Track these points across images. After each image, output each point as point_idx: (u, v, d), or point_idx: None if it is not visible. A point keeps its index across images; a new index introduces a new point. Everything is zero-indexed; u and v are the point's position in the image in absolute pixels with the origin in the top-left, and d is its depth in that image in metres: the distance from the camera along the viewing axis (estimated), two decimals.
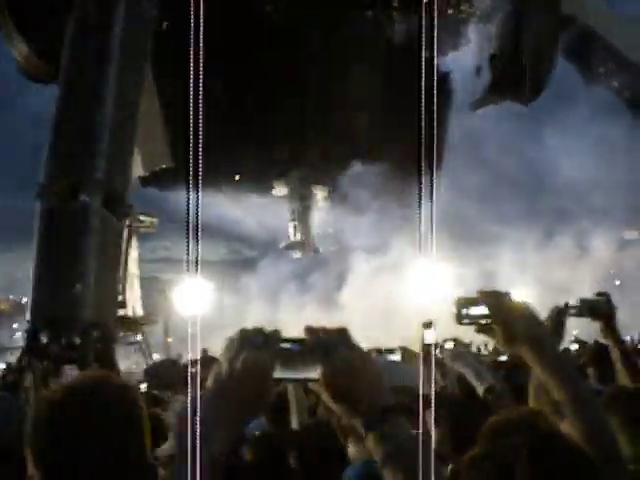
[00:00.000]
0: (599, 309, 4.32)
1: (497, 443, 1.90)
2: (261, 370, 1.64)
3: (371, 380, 1.66)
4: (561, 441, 1.94)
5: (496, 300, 2.26)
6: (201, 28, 1.75)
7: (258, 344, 1.66)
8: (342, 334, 1.70)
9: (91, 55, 23.31)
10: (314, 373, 1.66)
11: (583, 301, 4.40)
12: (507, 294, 2.29)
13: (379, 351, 12.01)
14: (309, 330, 1.70)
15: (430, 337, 4.79)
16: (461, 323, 2.34)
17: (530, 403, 2.83)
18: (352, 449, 2.12)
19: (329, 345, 1.66)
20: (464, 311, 2.32)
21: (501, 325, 2.23)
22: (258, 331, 1.70)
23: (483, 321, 2.28)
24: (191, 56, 1.72)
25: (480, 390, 5.21)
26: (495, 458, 1.85)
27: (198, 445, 1.53)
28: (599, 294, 4.43)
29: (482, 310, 2.28)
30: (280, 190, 36.32)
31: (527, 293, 20.04)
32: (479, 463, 1.90)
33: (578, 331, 12.65)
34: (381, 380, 1.68)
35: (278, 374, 1.68)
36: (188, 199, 1.71)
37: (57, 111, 23.24)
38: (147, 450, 1.89)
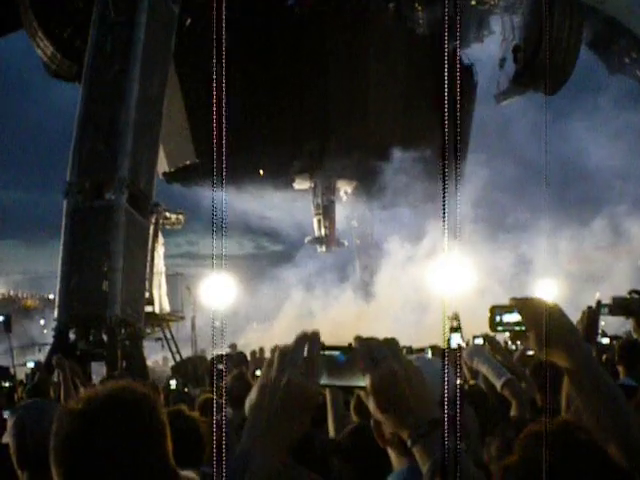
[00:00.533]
0: (632, 307, 4.28)
1: (533, 453, 1.90)
2: (305, 394, 1.64)
3: (418, 392, 1.66)
4: (597, 452, 1.94)
5: (529, 307, 2.25)
6: (223, 24, 1.75)
7: (299, 364, 1.66)
8: (390, 345, 1.71)
9: (114, 53, 23.39)
10: (361, 381, 1.67)
11: (615, 299, 4.36)
12: (540, 300, 2.28)
13: (410, 350, 11.97)
14: (358, 339, 1.70)
15: (456, 341, 4.81)
16: (495, 330, 2.35)
17: (563, 410, 2.81)
18: (393, 456, 2.12)
19: (377, 355, 1.67)
20: (498, 318, 2.33)
21: (534, 332, 2.22)
22: (298, 346, 1.70)
23: (517, 328, 2.29)
24: (214, 52, 1.72)
25: (498, 386, 5.22)
26: (530, 468, 1.85)
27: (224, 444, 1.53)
28: (631, 292, 4.38)
29: (516, 317, 2.29)
30: (304, 184, 36.30)
31: (559, 283, 19.96)
32: (515, 471, 1.91)
33: (604, 323, 12.58)
34: (428, 392, 1.68)
35: (325, 381, 1.70)
36: (213, 195, 1.71)
37: (81, 110, 23.34)
38: (168, 455, 1.90)
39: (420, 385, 1.68)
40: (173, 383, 12.45)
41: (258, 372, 12.97)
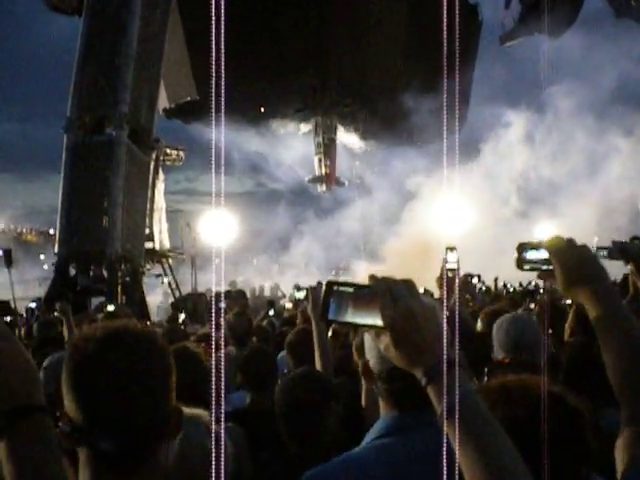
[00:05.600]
0: (630, 252, 4.26)
1: (501, 411, 1.93)
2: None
3: (434, 331, 1.67)
4: (566, 410, 1.97)
5: (557, 245, 2.22)
6: None
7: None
8: (408, 284, 1.72)
9: None
10: (375, 319, 1.68)
11: (615, 243, 4.35)
12: (570, 240, 2.25)
13: None
14: (374, 278, 1.71)
15: (453, 260, 4.81)
16: (522, 269, 2.29)
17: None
18: (382, 404, 2.15)
19: (396, 294, 1.68)
20: (524, 256, 2.28)
21: (562, 270, 2.19)
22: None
23: (544, 267, 2.24)
24: None
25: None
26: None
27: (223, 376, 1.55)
28: (633, 238, 4.37)
29: (543, 255, 2.24)
30: (305, 123, 36.15)
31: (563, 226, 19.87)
32: None
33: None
34: (444, 332, 1.69)
35: (338, 317, 1.70)
36: (213, 131, 1.71)
37: (81, 44, 23.11)
38: (172, 394, 1.94)
39: (437, 325, 1.69)
40: (182, 316, 12.53)
41: (271, 312, 12.99)
